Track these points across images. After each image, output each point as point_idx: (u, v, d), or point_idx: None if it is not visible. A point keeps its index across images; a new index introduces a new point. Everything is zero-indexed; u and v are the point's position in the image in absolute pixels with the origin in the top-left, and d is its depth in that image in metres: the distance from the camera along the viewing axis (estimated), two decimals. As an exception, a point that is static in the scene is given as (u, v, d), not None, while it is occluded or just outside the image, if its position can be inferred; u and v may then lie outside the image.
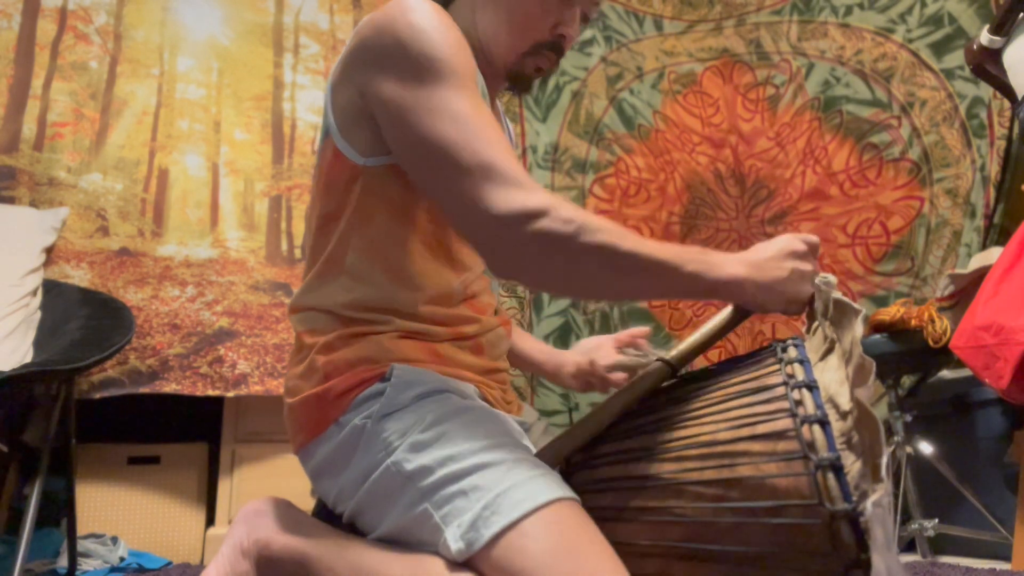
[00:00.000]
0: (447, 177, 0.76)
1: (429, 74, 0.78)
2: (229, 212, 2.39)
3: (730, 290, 0.78)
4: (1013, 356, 1.49)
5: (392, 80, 0.80)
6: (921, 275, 2.43)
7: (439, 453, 0.74)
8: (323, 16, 2.68)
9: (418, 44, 0.79)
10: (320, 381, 0.85)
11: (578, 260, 0.74)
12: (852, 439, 0.59)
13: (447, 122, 0.77)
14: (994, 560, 1.85)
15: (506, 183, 0.74)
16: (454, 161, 0.75)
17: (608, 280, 0.77)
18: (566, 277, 0.77)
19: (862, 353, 0.60)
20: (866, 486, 0.57)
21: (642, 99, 2.67)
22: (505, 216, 0.73)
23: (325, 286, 0.89)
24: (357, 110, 0.85)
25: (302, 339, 0.90)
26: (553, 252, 0.74)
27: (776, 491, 0.61)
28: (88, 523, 2.05)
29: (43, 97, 2.25)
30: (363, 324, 0.87)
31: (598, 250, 0.73)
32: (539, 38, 0.93)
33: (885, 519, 0.53)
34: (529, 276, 0.79)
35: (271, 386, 2.19)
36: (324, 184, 0.91)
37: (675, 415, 0.71)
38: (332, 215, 0.90)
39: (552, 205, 0.73)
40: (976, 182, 2.33)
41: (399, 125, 0.80)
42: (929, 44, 2.39)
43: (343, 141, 0.87)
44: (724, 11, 2.62)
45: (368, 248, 0.87)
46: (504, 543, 0.66)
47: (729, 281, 0.77)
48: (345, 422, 0.82)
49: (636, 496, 0.69)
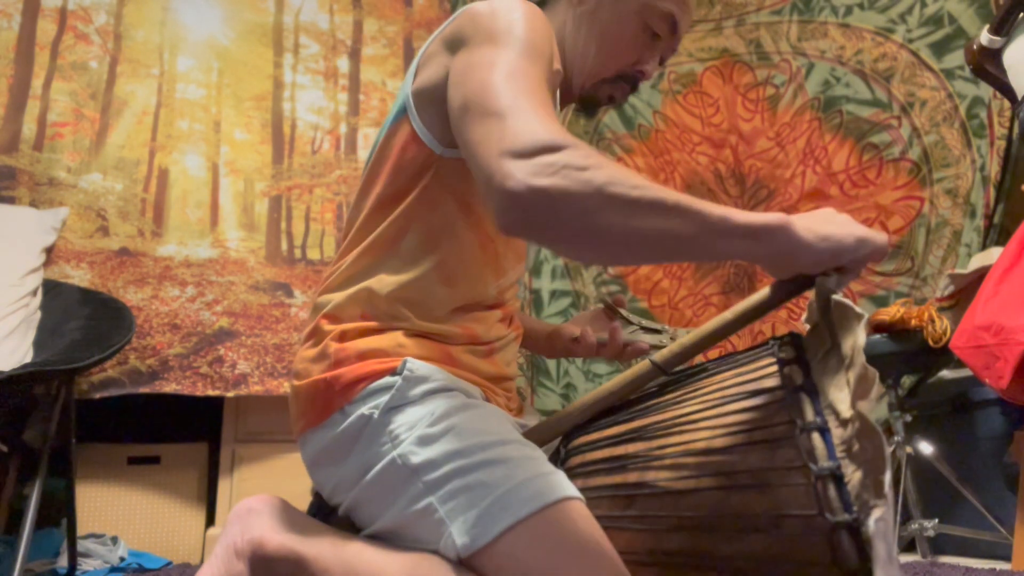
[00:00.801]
0: (481, 116, 0.71)
1: (506, 41, 0.77)
2: (229, 212, 2.39)
3: (771, 234, 0.68)
4: (1013, 356, 1.48)
5: (471, 48, 0.79)
6: (921, 275, 2.43)
7: (447, 448, 0.73)
8: (323, 16, 2.68)
9: (506, 20, 0.79)
10: (330, 367, 0.84)
11: (590, 196, 0.65)
12: (853, 447, 0.58)
13: (502, 74, 0.73)
14: (994, 560, 1.85)
15: (533, 123, 0.68)
16: (492, 102, 0.71)
17: (625, 218, 0.65)
18: (581, 216, 0.65)
19: (865, 363, 0.58)
20: (867, 496, 0.56)
21: (642, 99, 2.67)
22: (522, 149, 0.66)
23: (373, 264, 0.88)
24: (441, 93, 0.83)
25: (320, 324, 0.89)
26: (567, 187, 0.64)
27: (775, 501, 0.60)
28: (88, 523, 2.05)
29: (43, 97, 2.25)
30: (386, 318, 0.86)
31: (614, 185, 0.65)
32: (622, 68, 0.96)
33: (887, 533, 0.52)
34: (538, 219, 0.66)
35: (271, 386, 2.19)
36: (393, 165, 0.89)
37: (670, 420, 0.70)
38: (394, 197, 0.89)
39: (573, 143, 0.67)
40: (976, 182, 2.33)
41: (459, 82, 0.77)
42: (929, 44, 2.38)
43: (422, 126, 0.87)
44: (724, 11, 2.61)
45: (426, 235, 0.87)
46: (510, 540, 0.66)
47: (768, 224, 0.68)
48: (350, 411, 0.81)
49: (632, 505, 0.68)
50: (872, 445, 0.56)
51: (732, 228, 0.67)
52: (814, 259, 0.71)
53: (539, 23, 0.82)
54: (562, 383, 2.60)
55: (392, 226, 0.88)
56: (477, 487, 0.70)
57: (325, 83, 2.62)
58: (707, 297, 2.67)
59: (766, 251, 0.70)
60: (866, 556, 0.55)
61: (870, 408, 0.56)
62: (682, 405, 0.70)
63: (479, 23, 0.81)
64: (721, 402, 0.68)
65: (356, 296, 0.88)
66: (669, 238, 0.66)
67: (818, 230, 0.71)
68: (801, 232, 0.70)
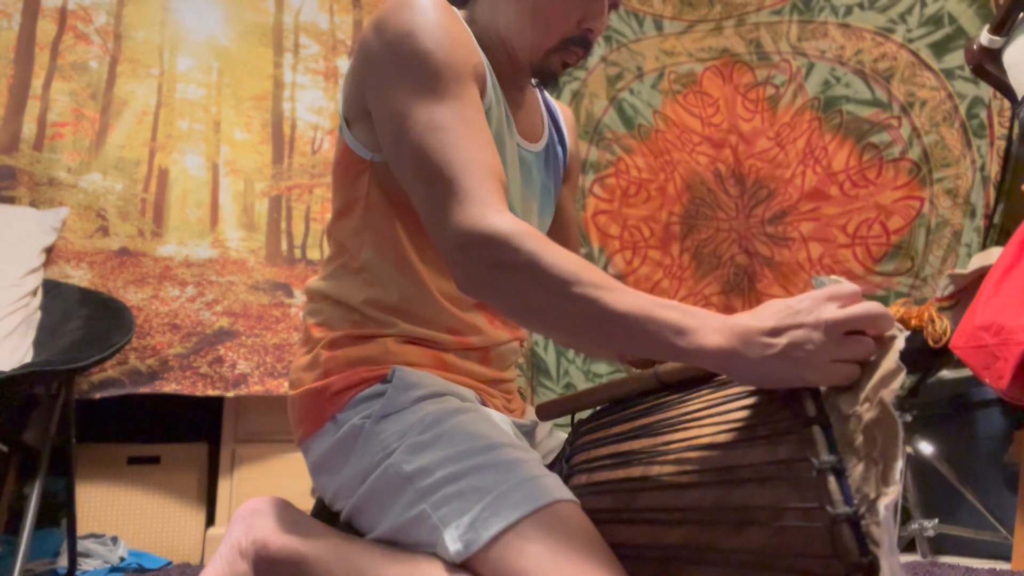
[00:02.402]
0: (419, 188, 0.76)
1: (416, 79, 0.78)
2: (229, 212, 2.39)
3: (704, 362, 0.64)
4: (1013, 356, 1.48)
5: (383, 81, 0.80)
6: (921, 275, 2.43)
7: (438, 454, 0.73)
8: (323, 16, 2.68)
9: (409, 46, 0.79)
10: (320, 376, 0.86)
11: (521, 292, 0.69)
12: (855, 442, 0.59)
13: (426, 131, 0.76)
14: (994, 560, 1.85)
15: (469, 201, 0.72)
16: (425, 173, 0.75)
17: (553, 321, 0.70)
18: (515, 306, 0.72)
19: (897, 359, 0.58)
20: (869, 489, 0.56)
21: (642, 99, 2.67)
22: (462, 235, 0.71)
23: (344, 279, 0.90)
24: (360, 106, 0.85)
25: (311, 332, 0.90)
26: (503, 280, 0.70)
27: (776, 494, 0.60)
28: (88, 523, 2.05)
29: (43, 97, 2.25)
30: (373, 325, 0.87)
31: (543, 286, 0.67)
32: (565, 34, 0.91)
33: (890, 523, 0.53)
34: (485, 298, 0.75)
35: (271, 386, 2.19)
36: (339, 177, 0.91)
37: (674, 417, 0.71)
38: (344, 210, 0.90)
39: (508, 233, 0.69)
40: (976, 182, 2.33)
41: (384, 128, 0.81)
42: (929, 44, 2.38)
43: (351, 136, 0.88)
44: (724, 11, 2.61)
45: (380, 243, 0.88)
46: (502, 545, 0.66)
47: (706, 352, 0.62)
48: (343, 420, 0.82)
49: (635, 498, 0.68)
50: (886, 433, 0.56)
51: (670, 354, 0.65)
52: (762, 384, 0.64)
53: (445, 33, 0.80)
54: (562, 383, 2.60)
55: (352, 240, 0.90)
56: (469, 493, 0.70)
57: (325, 83, 2.62)
58: (707, 297, 2.67)
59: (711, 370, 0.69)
60: (866, 548, 0.55)
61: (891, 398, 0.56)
62: (687, 403, 0.71)
63: (382, 44, 0.81)
64: (724, 400, 0.68)
65: (340, 304, 0.89)
66: (604, 344, 0.70)
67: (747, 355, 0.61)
68: (736, 367, 0.62)
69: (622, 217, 2.66)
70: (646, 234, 2.67)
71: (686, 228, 2.67)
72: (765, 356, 0.60)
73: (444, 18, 0.81)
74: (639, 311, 0.64)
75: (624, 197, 2.67)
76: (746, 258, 2.64)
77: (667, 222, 2.67)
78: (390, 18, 0.81)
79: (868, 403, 0.58)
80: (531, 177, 0.99)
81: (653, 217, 2.67)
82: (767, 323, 0.61)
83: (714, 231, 2.66)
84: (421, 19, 0.80)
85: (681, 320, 0.63)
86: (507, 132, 0.93)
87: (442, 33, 0.80)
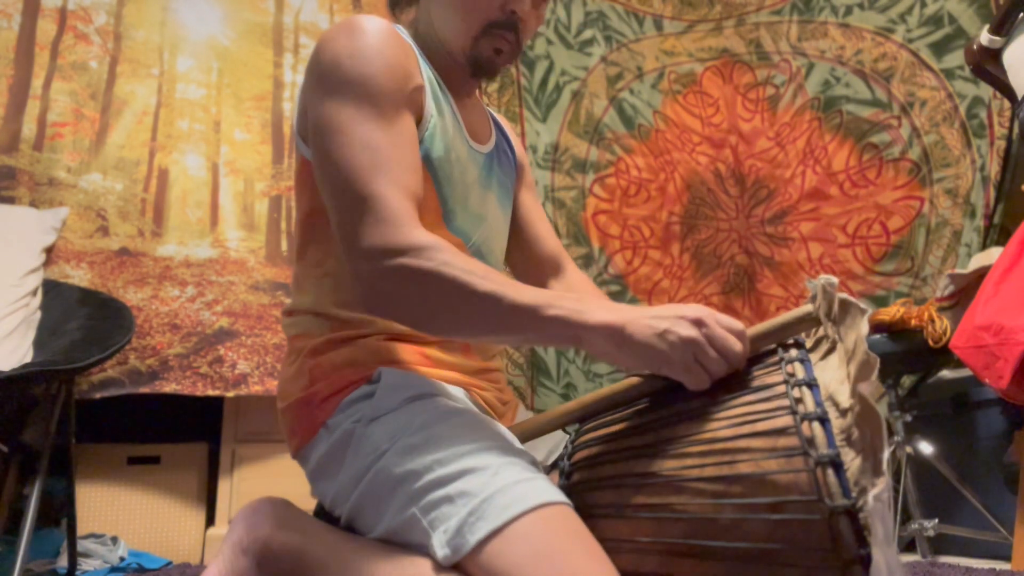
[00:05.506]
0: (343, 201, 0.80)
1: (354, 100, 0.82)
2: (229, 212, 2.39)
3: (595, 337, 0.73)
4: (1013, 356, 1.48)
5: (319, 96, 0.84)
6: (921, 275, 2.43)
7: (427, 457, 0.74)
8: (323, 16, 2.68)
9: (348, 70, 0.83)
10: (307, 385, 0.87)
11: (428, 296, 0.76)
12: (852, 436, 0.60)
13: (349, 148, 0.80)
14: (994, 560, 1.85)
15: (382, 220, 0.77)
16: (342, 188, 0.79)
17: (461, 320, 0.77)
18: (420, 313, 0.78)
19: (867, 350, 0.60)
20: (866, 482, 0.57)
21: (642, 99, 2.67)
22: (369, 251, 0.76)
23: (313, 288, 0.92)
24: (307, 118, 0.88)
25: (293, 343, 0.92)
26: (407, 286, 0.76)
27: (776, 487, 0.61)
28: (88, 523, 2.05)
29: (43, 97, 2.25)
30: (352, 327, 0.88)
31: (452, 287, 0.74)
32: (489, 17, 0.93)
33: (885, 514, 0.53)
34: (387, 311, 0.80)
35: (271, 386, 2.19)
36: (297, 190, 0.95)
37: (676, 413, 0.71)
38: (306, 219, 0.93)
39: (422, 245, 0.75)
40: (976, 182, 2.33)
41: (314, 141, 0.84)
42: (929, 44, 2.39)
43: (303, 144, 0.91)
44: (724, 11, 2.61)
45: None
46: (490, 549, 0.66)
47: (597, 327, 0.72)
48: (334, 425, 0.83)
49: (637, 493, 0.69)
50: (871, 426, 0.57)
51: (562, 334, 0.74)
52: (637, 364, 0.73)
53: (382, 54, 0.84)
54: (562, 383, 2.60)
55: (316, 248, 0.92)
56: (457, 497, 0.70)
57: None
58: (707, 297, 2.67)
59: (598, 350, 0.75)
60: (865, 541, 0.56)
61: (870, 391, 0.58)
62: (689, 401, 0.72)
63: (320, 63, 0.85)
64: (727, 397, 0.69)
65: (315, 314, 0.90)
66: (506, 336, 0.79)
67: (629, 331, 0.72)
68: (615, 341, 0.72)
69: (622, 217, 2.66)
70: (646, 234, 2.67)
71: (686, 228, 2.67)
72: (646, 336, 0.70)
73: (385, 44, 0.86)
74: (540, 300, 0.74)
75: (624, 197, 2.67)
76: (746, 258, 2.64)
77: (667, 222, 2.67)
78: (334, 41, 0.85)
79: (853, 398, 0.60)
80: (486, 174, 1.02)
81: (653, 217, 2.67)
82: (654, 311, 0.72)
83: (714, 231, 2.66)
84: (361, 43, 0.84)
85: (577, 303, 0.74)
86: (460, 135, 0.96)
87: (381, 60, 0.84)
